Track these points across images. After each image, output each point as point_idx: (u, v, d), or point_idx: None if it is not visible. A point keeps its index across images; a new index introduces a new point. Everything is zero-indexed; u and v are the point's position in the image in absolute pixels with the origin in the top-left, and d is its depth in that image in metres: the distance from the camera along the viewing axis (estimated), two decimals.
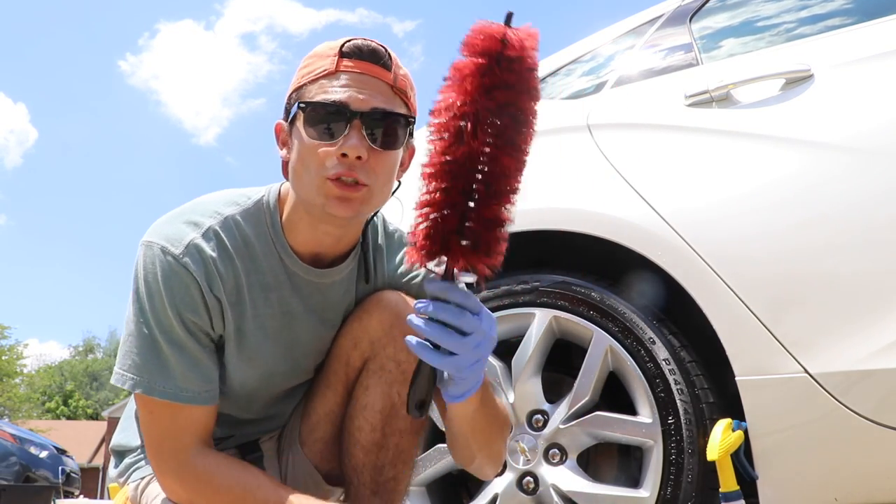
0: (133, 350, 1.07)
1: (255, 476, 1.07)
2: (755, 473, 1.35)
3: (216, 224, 1.10)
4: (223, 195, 1.16)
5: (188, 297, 1.06)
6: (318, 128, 1.04)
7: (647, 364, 1.50)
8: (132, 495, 1.21)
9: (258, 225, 1.14)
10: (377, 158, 1.05)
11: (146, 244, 1.09)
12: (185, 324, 1.06)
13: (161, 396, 1.05)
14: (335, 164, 1.03)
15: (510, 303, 1.66)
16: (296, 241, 1.14)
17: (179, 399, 1.06)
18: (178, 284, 1.06)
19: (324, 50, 1.09)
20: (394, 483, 1.17)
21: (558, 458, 1.56)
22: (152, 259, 1.07)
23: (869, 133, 1.38)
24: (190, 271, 1.06)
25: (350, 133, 1.02)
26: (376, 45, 1.07)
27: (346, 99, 1.03)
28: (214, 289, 1.08)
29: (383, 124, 1.05)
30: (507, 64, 0.84)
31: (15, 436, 6.40)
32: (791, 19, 1.66)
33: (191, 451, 1.07)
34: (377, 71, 1.06)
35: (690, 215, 1.49)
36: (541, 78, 1.96)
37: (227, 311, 1.10)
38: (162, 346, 1.05)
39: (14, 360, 21.31)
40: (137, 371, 1.06)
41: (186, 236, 1.08)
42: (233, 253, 1.10)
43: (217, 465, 1.07)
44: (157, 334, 1.06)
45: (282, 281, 1.15)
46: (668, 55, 1.75)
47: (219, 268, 1.08)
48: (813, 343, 1.32)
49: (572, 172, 1.69)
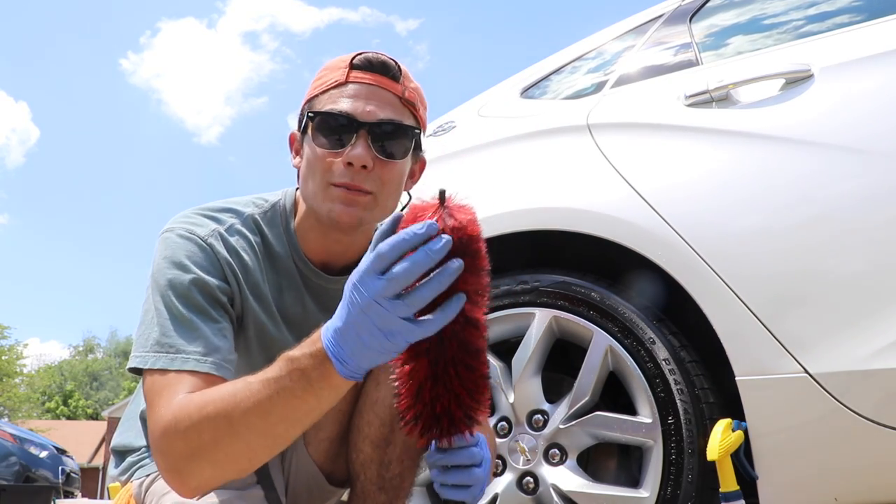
0: (154, 328, 1.03)
1: (237, 380, 0.96)
2: (755, 473, 1.35)
3: (238, 222, 1.15)
4: (240, 198, 1.21)
5: (211, 271, 1.07)
6: (326, 137, 1.08)
7: (647, 364, 1.50)
8: (136, 493, 1.21)
9: (274, 227, 1.18)
10: (383, 168, 1.08)
11: (167, 230, 1.11)
12: (206, 296, 1.06)
13: (182, 366, 0.99)
14: (341, 172, 1.07)
15: (510, 303, 1.66)
16: (308, 247, 1.18)
17: (200, 367, 1.00)
18: (201, 259, 1.07)
19: (336, 63, 1.13)
20: (399, 480, 1.18)
21: (558, 458, 1.56)
22: (175, 239, 1.09)
23: (869, 133, 1.38)
24: (214, 251, 1.09)
25: (356, 142, 1.06)
26: (387, 58, 1.11)
27: (353, 109, 1.07)
28: (237, 274, 1.10)
29: (390, 135, 1.08)
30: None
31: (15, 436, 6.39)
32: (791, 19, 1.66)
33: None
34: (386, 83, 1.10)
35: (690, 215, 1.49)
36: (541, 78, 1.97)
37: (247, 299, 1.12)
38: (184, 315, 1.03)
39: (14, 360, 21.31)
40: (160, 346, 1.02)
41: (210, 226, 1.12)
42: (255, 248, 1.14)
43: (205, 391, 0.98)
44: (179, 305, 1.04)
45: (297, 282, 1.18)
46: (668, 55, 1.75)
47: (243, 257, 1.12)
48: (813, 343, 1.32)
49: (572, 172, 1.69)
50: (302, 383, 0.86)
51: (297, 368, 0.86)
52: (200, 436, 0.92)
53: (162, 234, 1.11)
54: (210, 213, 1.14)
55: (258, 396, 0.89)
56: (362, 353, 0.82)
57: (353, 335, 0.81)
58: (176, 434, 0.93)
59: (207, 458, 0.93)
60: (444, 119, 2.08)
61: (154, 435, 0.97)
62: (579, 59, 1.94)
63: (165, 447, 0.95)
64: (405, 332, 0.79)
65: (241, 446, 0.92)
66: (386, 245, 0.78)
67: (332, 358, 0.83)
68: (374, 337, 0.80)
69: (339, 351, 0.83)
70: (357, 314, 0.80)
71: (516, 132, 1.84)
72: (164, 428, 0.94)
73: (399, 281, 0.77)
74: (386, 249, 0.77)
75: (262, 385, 0.89)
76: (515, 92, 1.98)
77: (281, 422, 0.90)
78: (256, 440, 0.91)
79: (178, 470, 0.95)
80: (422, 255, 0.77)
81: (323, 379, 0.85)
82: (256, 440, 0.91)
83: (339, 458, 1.23)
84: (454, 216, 0.81)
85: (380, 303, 0.78)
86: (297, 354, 0.88)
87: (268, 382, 0.89)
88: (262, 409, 0.89)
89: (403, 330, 0.79)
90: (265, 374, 0.90)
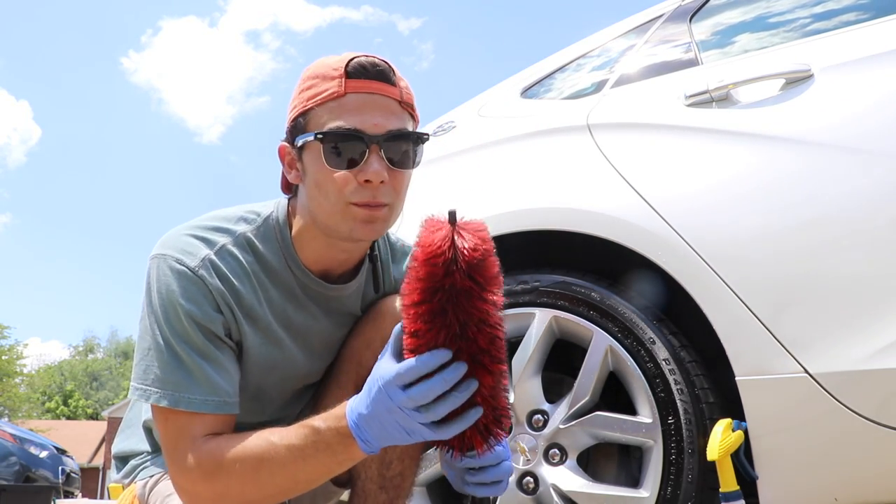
0: (154, 364, 1.05)
1: (262, 437, 1.02)
2: (755, 473, 1.35)
3: (229, 243, 1.12)
4: (230, 212, 1.17)
5: (204, 306, 1.06)
6: (337, 155, 1.05)
7: (647, 364, 1.50)
8: (140, 493, 1.21)
9: (269, 242, 1.15)
10: (395, 178, 1.07)
11: (158, 257, 1.08)
12: (203, 332, 1.06)
13: (187, 407, 1.03)
14: (358, 190, 1.05)
15: (510, 303, 1.66)
16: (306, 258, 1.16)
17: (205, 409, 1.04)
18: (194, 294, 1.06)
19: (326, 70, 1.07)
20: (400, 479, 1.18)
21: (558, 458, 1.56)
22: (166, 271, 1.07)
23: (869, 133, 1.38)
24: (206, 283, 1.06)
25: (370, 159, 1.04)
26: (378, 60, 1.08)
27: (361, 125, 1.04)
28: (230, 303, 1.08)
29: (399, 145, 1.07)
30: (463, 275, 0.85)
31: (15, 436, 6.39)
32: (793, 18, 1.66)
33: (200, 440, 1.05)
34: (385, 89, 1.07)
35: (690, 215, 1.49)
36: (540, 78, 1.97)
37: (242, 326, 1.10)
38: (183, 357, 1.04)
39: (14, 360, 21.30)
40: (162, 384, 1.04)
41: (201, 251, 1.09)
42: (248, 269, 1.12)
43: (227, 440, 1.04)
44: (176, 345, 1.05)
45: (296, 294, 1.17)
46: (668, 55, 1.75)
47: (234, 284, 1.09)
48: (813, 343, 1.32)
49: (572, 173, 1.69)
50: (327, 454, 0.96)
51: (323, 442, 0.96)
52: (227, 486, 1.01)
53: (153, 259, 1.09)
54: (200, 234, 1.11)
55: (284, 462, 0.98)
56: (385, 438, 0.93)
57: (377, 425, 0.91)
58: (203, 481, 1.02)
59: (229, 501, 1.03)
60: (443, 119, 2.08)
61: (176, 474, 1.05)
62: (579, 58, 1.94)
63: (188, 489, 1.04)
64: (425, 433, 0.90)
65: (262, 494, 1.01)
66: (405, 368, 0.87)
67: (356, 439, 0.93)
68: (397, 431, 0.91)
69: (364, 434, 0.93)
70: (382, 412, 0.90)
71: (516, 132, 1.84)
72: (189, 473, 1.03)
73: (418, 400, 0.87)
74: (405, 371, 0.87)
75: (287, 452, 0.98)
76: (515, 92, 1.98)
77: (302, 481, 1.00)
78: (277, 490, 1.01)
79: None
80: (438, 382, 0.86)
81: (346, 453, 0.95)
82: (277, 490, 1.01)
83: None
84: (464, 237, 0.85)
85: (403, 410, 0.88)
86: (321, 427, 0.96)
87: (293, 450, 0.98)
88: (287, 474, 0.99)
89: (424, 432, 0.90)
90: (289, 440, 0.98)
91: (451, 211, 0.86)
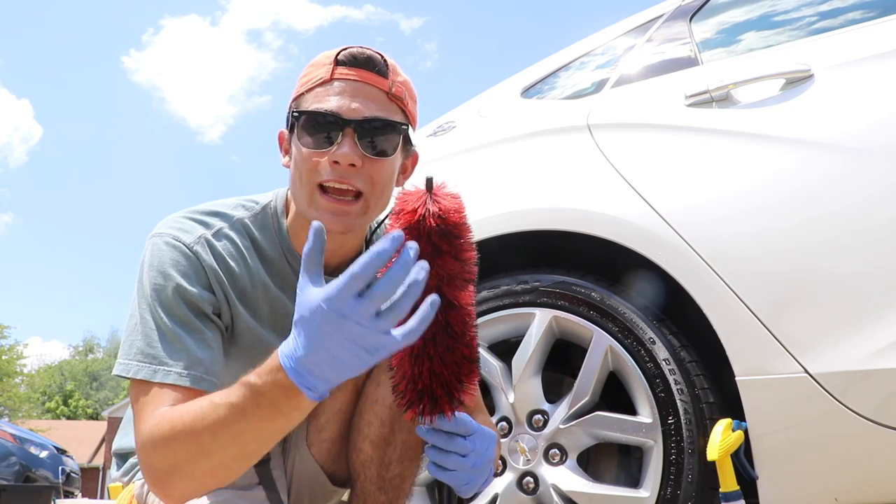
0: (138, 338, 1.04)
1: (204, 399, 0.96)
2: (755, 473, 1.35)
3: (226, 226, 1.13)
4: (230, 200, 1.19)
5: (195, 281, 1.06)
6: (313, 136, 1.06)
7: (647, 364, 1.50)
8: (138, 493, 1.21)
9: (266, 230, 1.16)
10: (372, 166, 1.07)
11: (155, 235, 1.10)
12: (190, 307, 1.05)
13: (163, 379, 1.00)
14: (328, 171, 1.05)
15: (510, 303, 1.66)
16: (300, 247, 1.16)
17: (181, 382, 1.00)
18: (185, 268, 1.06)
19: (321, 59, 1.11)
20: (399, 480, 1.18)
21: (558, 458, 1.56)
22: (161, 246, 1.08)
23: (869, 133, 1.38)
24: (200, 260, 1.07)
25: (343, 141, 1.05)
26: (372, 52, 1.09)
27: (338, 107, 1.05)
28: (223, 282, 1.09)
29: (377, 132, 1.07)
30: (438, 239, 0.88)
31: (15, 436, 6.39)
32: (794, 18, 1.66)
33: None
34: (372, 78, 1.08)
35: (690, 215, 1.49)
36: (540, 78, 1.97)
37: (236, 307, 1.11)
38: (166, 329, 1.03)
39: (14, 359, 21.30)
40: (142, 357, 1.02)
41: (197, 231, 1.10)
42: (244, 253, 1.13)
43: (176, 407, 0.98)
44: (163, 316, 1.04)
45: (291, 283, 1.16)
46: (668, 55, 1.75)
47: (229, 264, 1.10)
48: (813, 343, 1.32)
49: (572, 172, 1.69)
50: (270, 410, 0.86)
51: (263, 396, 0.86)
52: (175, 454, 0.93)
53: (150, 239, 1.10)
54: (198, 217, 1.12)
55: (226, 422, 0.89)
56: (337, 372, 0.81)
57: (324, 359, 0.80)
58: (153, 450, 0.96)
59: (184, 473, 0.95)
60: (443, 119, 2.08)
61: (136, 448, 0.99)
62: (579, 58, 1.94)
63: (144, 461, 0.98)
64: (389, 345, 0.78)
65: (214, 463, 0.93)
66: (358, 266, 0.75)
67: (300, 387, 0.82)
68: (353, 355, 0.79)
69: (307, 380, 0.82)
70: (331, 339, 0.78)
71: (516, 132, 1.84)
72: (142, 443, 0.97)
73: (379, 299, 0.76)
74: (359, 270, 0.75)
75: (228, 410, 0.89)
76: (515, 92, 1.98)
77: (252, 441, 0.91)
78: (229, 457, 0.93)
79: (160, 482, 0.98)
80: (397, 269, 0.75)
81: (291, 404, 0.85)
82: (229, 457, 0.93)
83: (342, 458, 1.23)
84: (439, 203, 0.87)
85: (360, 323, 0.76)
86: (258, 383, 0.86)
87: (233, 408, 0.88)
88: (231, 433, 0.90)
89: (387, 344, 0.78)
90: (229, 398, 0.89)
91: (429, 177, 0.90)
